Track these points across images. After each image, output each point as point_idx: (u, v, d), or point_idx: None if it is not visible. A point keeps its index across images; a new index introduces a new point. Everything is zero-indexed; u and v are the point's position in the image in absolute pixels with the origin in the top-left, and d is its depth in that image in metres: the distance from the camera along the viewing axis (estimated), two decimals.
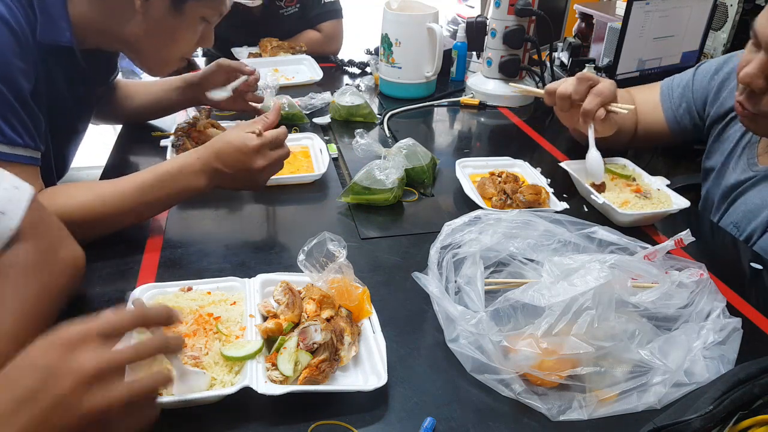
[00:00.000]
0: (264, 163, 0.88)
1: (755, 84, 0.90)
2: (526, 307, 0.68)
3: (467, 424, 0.63)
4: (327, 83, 1.62)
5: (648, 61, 1.83)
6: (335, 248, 0.75)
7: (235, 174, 0.88)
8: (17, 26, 0.81)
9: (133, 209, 0.86)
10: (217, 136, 0.90)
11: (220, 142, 0.88)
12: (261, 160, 0.88)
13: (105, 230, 0.86)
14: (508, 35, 1.43)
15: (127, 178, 0.87)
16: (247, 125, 0.90)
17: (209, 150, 0.88)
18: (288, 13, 1.87)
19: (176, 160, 0.88)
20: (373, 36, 1.72)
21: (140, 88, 1.31)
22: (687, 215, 1.03)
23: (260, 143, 0.87)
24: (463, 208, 1.02)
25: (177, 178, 0.87)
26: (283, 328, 0.69)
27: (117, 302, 0.76)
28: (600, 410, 0.64)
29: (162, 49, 1.00)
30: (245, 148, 0.87)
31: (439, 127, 1.47)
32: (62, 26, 0.89)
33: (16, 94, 0.80)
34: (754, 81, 0.89)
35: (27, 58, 0.83)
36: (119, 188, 0.86)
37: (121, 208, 0.85)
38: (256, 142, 0.87)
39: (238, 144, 0.87)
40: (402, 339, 0.74)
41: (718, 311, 0.73)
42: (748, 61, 0.91)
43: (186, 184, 0.87)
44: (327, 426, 0.62)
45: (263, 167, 0.89)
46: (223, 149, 0.87)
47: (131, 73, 3.94)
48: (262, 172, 0.90)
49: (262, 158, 0.88)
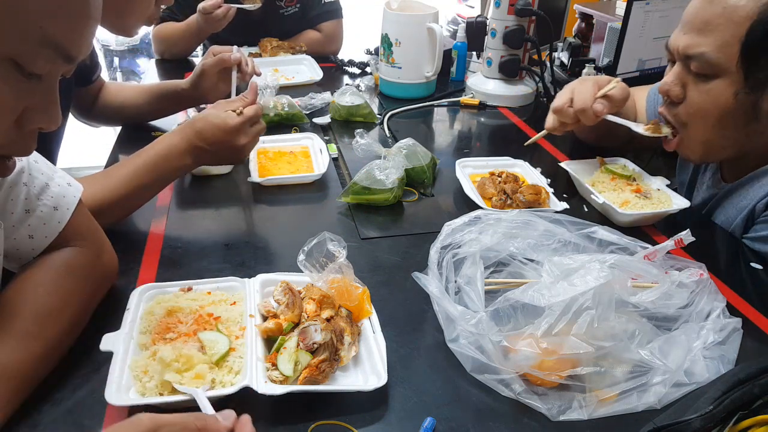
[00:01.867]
0: (246, 140, 0.92)
1: (673, 92, 0.95)
2: (526, 307, 0.68)
3: (467, 424, 0.63)
4: (327, 83, 1.62)
5: (648, 61, 1.83)
6: (335, 248, 0.75)
7: (218, 151, 0.91)
8: None
9: (130, 196, 0.87)
10: (198, 116, 0.92)
11: (201, 121, 0.90)
12: (243, 138, 0.91)
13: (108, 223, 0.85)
14: (508, 35, 1.43)
15: (119, 166, 0.88)
16: (226, 104, 0.92)
17: (191, 129, 0.90)
18: (288, 13, 1.87)
19: (161, 142, 0.90)
20: (373, 36, 1.73)
21: (137, 91, 1.31)
22: (687, 215, 1.03)
23: (241, 122, 0.90)
24: (463, 208, 1.02)
25: (167, 158, 0.89)
26: (283, 328, 0.69)
27: (117, 302, 0.76)
28: (600, 410, 0.64)
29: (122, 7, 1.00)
30: (227, 127, 0.89)
31: (439, 127, 1.47)
32: None
33: None
34: (671, 89, 0.95)
35: None
36: (114, 178, 0.86)
37: (120, 196, 0.86)
38: (237, 120, 0.90)
39: (220, 123, 0.89)
40: (402, 339, 0.74)
41: (718, 311, 0.73)
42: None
43: (176, 164, 0.90)
44: (327, 426, 0.62)
45: (245, 144, 0.92)
46: (205, 129, 0.89)
47: (131, 73, 3.94)
48: (244, 148, 0.92)
49: (244, 136, 0.91)
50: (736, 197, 1.00)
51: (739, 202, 0.99)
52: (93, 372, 0.67)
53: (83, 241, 0.72)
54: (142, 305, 0.73)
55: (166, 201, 1.02)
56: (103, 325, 0.72)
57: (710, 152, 0.99)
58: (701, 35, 0.89)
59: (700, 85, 0.91)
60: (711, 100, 0.91)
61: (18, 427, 0.60)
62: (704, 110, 0.92)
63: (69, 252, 0.70)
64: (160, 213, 0.99)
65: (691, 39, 0.90)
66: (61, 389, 0.65)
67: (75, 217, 0.71)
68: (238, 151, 0.92)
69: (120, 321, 0.69)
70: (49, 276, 0.67)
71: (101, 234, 0.76)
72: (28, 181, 0.67)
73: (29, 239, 0.67)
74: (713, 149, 0.97)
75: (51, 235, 0.68)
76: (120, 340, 0.66)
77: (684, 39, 0.91)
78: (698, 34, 0.89)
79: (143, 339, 0.67)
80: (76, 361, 0.68)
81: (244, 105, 0.92)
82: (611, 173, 1.09)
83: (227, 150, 0.91)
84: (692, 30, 0.90)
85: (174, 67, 1.70)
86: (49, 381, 0.65)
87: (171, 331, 0.69)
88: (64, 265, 0.69)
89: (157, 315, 0.71)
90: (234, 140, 0.90)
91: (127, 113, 1.30)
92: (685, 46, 0.91)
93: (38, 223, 0.67)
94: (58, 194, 0.69)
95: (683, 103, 0.95)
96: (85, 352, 0.69)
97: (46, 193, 0.68)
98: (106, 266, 0.76)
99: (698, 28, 0.89)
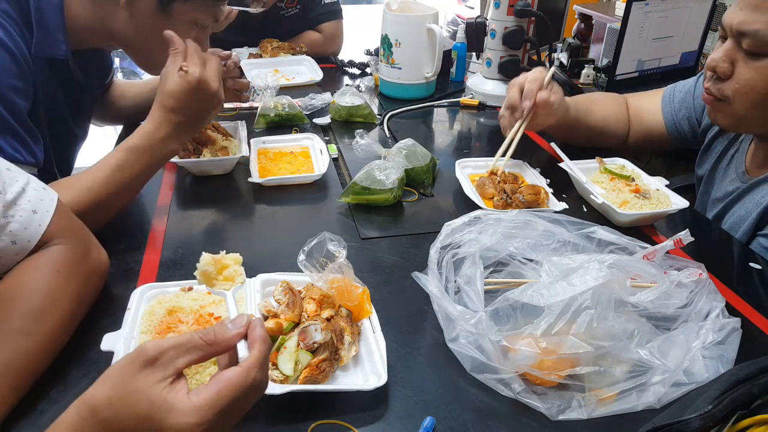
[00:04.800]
0: (216, 84, 0.88)
1: (720, 69, 0.94)
2: (525, 306, 0.68)
3: (467, 423, 0.63)
4: (327, 84, 1.62)
5: (647, 62, 1.83)
6: (335, 248, 0.75)
7: (201, 113, 0.89)
8: (13, 45, 0.83)
9: (118, 190, 0.86)
10: (159, 97, 0.88)
11: (168, 98, 0.87)
12: (213, 83, 0.88)
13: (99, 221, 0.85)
14: (507, 36, 1.43)
15: (101, 162, 0.87)
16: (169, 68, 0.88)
17: (164, 110, 0.87)
18: (288, 14, 1.88)
19: (141, 133, 0.88)
20: (373, 37, 1.73)
21: (137, 88, 1.31)
22: (686, 215, 1.03)
23: (200, 72, 0.87)
24: (462, 208, 1.02)
25: (151, 150, 0.87)
26: (284, 327, 0.69)
27: (118, 302, 0.76)
28: (599, 410, 0.64)
29: (154, 49, 0.98)
30: (194, 85, 0.86)
31: (438, 127, 1.47)
32: (59, 39, 0.91)
33: (15, 114, 0.82)
34: (719, 65, 0.94)
35: (24, 77, 0.85)
36: (99, 174, 0.85)
37: (107, 193, 0.85)
38: (197, 73, 0.86)
39: (185, 86, 0.86)
40: (402, 339, 0.74)
41: (717, 311, 0.73)
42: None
43: (160, 152, 0.88)
44: (327, 425, 0.62)
45: (217, 88, 0.89)
46: (178, 102, 0.87)
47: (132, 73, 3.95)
48: (218, 92, 0.89)
49: (212, 81, 0.88)
50: (758, 192, 1.00)
51: (761, 198, 0.99)
52: (94, 372, 0.67)
53: (68, 239, 0.71)
54: (143, 305, 0.73)
55: (166, 201, 1.03)
56: (103, 325, 0.72)
57: (743, 124, 0.98)
58: (757, 12, 0.87)
59: (751, 62, 0.90)
60: (761, 78, 0.90)
61: (19, 427, 0.60)
62: (751, 87, 0.91)
63: (54, 251, 0.70)
64: (160, 213, 0.99)
65: (746, 15, 0.89)
66: (62, 389, 0.65)
67: (56, 217, 0.70)
68: (215, 99, 0.89)
69: (120, 321, 0.69)
70: (36, 275, 0.67)
71: (86, 231, 0.76)
72: (3, 189, 0.66)
73: (12, 245, 0.67)
74: (747, 122, 0.97)
75: (33, 238, 0.68)
76: (121, 340, 0.66)
77: (739, 15, 0.90)
78: (754, 10, 0.88)
79: (144, 339, 0.68)
80: (77, 361, 0.68)
81: (182, 55, 0.89)
82: (610, 173, 1.09)
83: (206, 104, 0.89)
84: (748, 6, 0.89)
85: None
86: (50, 381, 0.65)
87: (172, 330, 0.69)
88: (50, 263, 0.69)
89: (157, 315, 0.71)
90: (206, 92, 0.87)
91: (132, 112, 1.30)
92: (739, 22, 0.89)
93: (19, 228, 0.66)
94: (35, 198, 0.69)
95: (730, 80, 0.94)
96: (85, 352, 0.69)
97: (22, 197, 0.67)
98: (94, 262, 0.75)
99: (755, 5, 0.88)
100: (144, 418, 0.45)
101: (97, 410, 0.46)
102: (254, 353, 0.48)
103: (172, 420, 0.44)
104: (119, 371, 0.46)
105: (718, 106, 0.98)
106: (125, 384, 0.45)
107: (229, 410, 0.46)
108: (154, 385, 0.45)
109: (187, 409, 0.44)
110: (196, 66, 0.87)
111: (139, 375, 0.45)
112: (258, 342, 0.48)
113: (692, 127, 1.19)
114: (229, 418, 0.46)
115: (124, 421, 0.45)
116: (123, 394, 0.45)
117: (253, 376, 0.47)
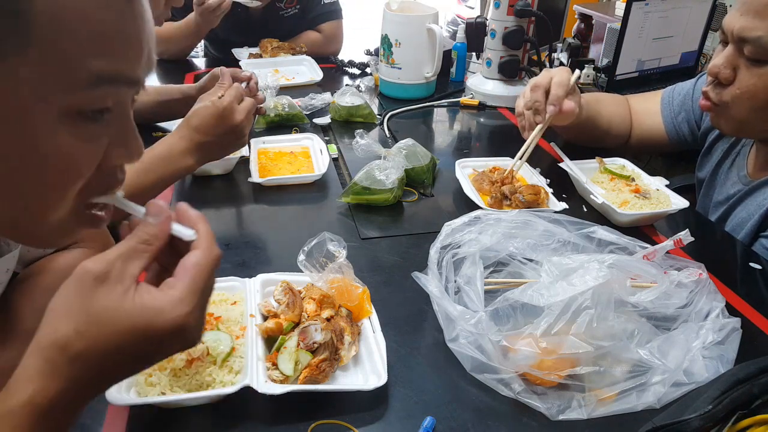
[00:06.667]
0: (240, 117, 0.93)
1: (723, 75, 0.93)
2: (525, 306, 0.68)
3: (467, 423, 0.63)
4: (327, 84, 1.62)
5: (647, 62, 1.83)
6: (335, 248, 0.75)
7: (221, 139, 0.93)
8: None
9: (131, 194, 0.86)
10: (189, 114, 0.93)
11: (194, 117, 0.92)
12: (237, 116, 0.93)
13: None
14: (507, 36, 1.43)
15: None
16: (207, 96, 0.94)
17: (188, 127, 0.91)
18: (288, 14, 1.88)
19: (161, 144, 0.91)
20: (373, 37, 1.73)
21: (144, 93, 1.31)
22: (686, 215, 1.03)
23: (230, 101, 0.92)
24: (462, 208, 1.02)
25: (169, 160, 0.90)
26: (284, 327, 0.69)
27: None
28: (599, 410, 0.64)
29: None
30: (220, 112, 0.91)
31: (438, 127, 1.47)
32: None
33: None
34: (722, 72, 0.93)
35: None
36: None
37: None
38: (226, 101, 0.92)
39: (212, 110, 0.91)
40: (402, 339, 0.74)
41: (717, 311, 0.73)
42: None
43: (178, 166, 0.91)
44: (327, 425, 0.62)
45: (241, 121, 0.93)
46: (201, 122, 0.91)
47: None
48: (241, 126, 0.94)
49: (237, 114, 0.93)
50: (760, 194, 1.00)
51: (764, 200, 0.98)
52: None
53: (90, 242, 0.72)
54: None
55: (166, 201, 1.03)
56: None
57: (745, 128, 0.98)
58: (758, 18, 0.86)
59: (753, 69, 0.89)
60: (762, 84, 0.89)
61: None
62: (753, 94, 0.90)
63: (76, 253, 0.70)
64: None
65: (747, 21, 0.87)
66: None
67: None
68: (237, 131, 0.94)
69: None
70: (55, 278, 0.67)
71: (107, 235, 0.76)
72: None
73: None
74: (749, 126, 0.97)
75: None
76: None
77: (740, 21, 0.88)
78: (755, 16, 0.86)
79: None
80: None
81: (224, 90, 0.94)
82: (610, 173, 1.09)
83: (228, 133, 0.93)
84: (749, 12, 0.87)
85: (173, 68, 1.70)
86: None
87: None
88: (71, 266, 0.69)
89: None
90: (231, 120, 0.92)
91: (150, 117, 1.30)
92: (740, 29, 0.88)
93: None
94: None
95: (732, 85, 0.93)
96: None
97: None
98: None
99: (755, 11, 0.86)
100: (128, 332, 0.42)
101: (67, 346, 0.41)
102: (203, 232, 0.48)
103: (163, 320, 0.42)
104: (70, 299, 0.42)
105: (719, 111, 0.97)
106: (87, 309, 0.42)
107: (206, 288, 0.46)
108: (120, 298, 0.42)
109: (173, 303, 0.43)
110: (231, 97, 0.93)
111: (98, 295, 0.42)
112: (199, 222, 0.49)
113: (692, 130, 1.19)
114: (207, 294, 0.47)
115: (106, 345, 0.41)
116: (91, 320, 0.41)
117: (216, 251, 0.48)
